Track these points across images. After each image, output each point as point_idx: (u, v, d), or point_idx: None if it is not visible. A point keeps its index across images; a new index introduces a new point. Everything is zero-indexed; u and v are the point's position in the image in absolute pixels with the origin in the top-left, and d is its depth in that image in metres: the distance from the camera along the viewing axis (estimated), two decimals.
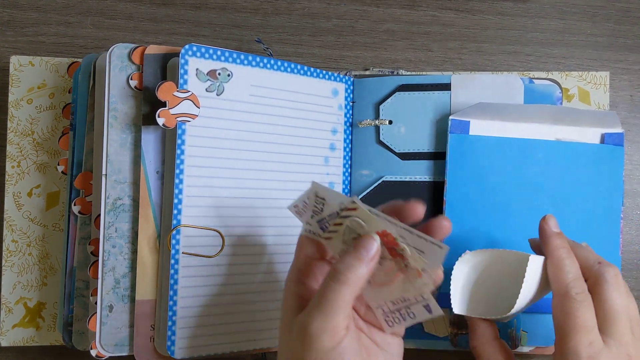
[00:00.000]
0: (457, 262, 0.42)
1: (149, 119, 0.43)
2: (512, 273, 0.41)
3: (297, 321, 0.34)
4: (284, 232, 0.47)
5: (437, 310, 0.34)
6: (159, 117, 0.42)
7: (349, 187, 0.51)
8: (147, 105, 0.44)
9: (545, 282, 0.39)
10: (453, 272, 0.42)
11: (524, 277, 0.38)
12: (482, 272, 0.43)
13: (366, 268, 0.33)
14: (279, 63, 0.47)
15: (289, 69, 0.48)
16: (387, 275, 0.35)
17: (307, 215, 0.37)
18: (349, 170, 0.51)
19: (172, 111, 0.42)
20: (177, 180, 0.43)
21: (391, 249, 0.34)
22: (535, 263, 0.39)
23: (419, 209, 0.36)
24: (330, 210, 0.36)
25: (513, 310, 0.38)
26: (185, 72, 0.43)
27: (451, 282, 0.42)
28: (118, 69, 0.44)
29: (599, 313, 0.36)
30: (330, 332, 0.32)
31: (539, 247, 0.41)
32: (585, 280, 0.38)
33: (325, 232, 0.36)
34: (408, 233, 0.33)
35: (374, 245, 0.34)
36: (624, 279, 0.39)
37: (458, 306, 0.42)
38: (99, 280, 0.43)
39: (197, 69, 0.43)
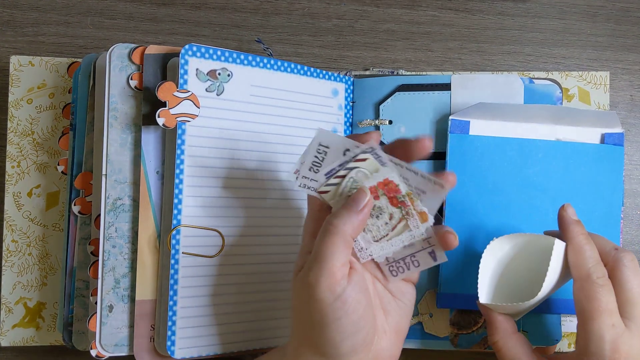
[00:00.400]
0: (484, 252, 0.42)
1: (149, 119, 0.43)
2: (535, 260, 0.41)
3: (299, 275, 0.36)
4: (284, 232, 0.47)
5: (442, 257, 0.36)
6: (159, 117, 0.42)
7: None
8: (147, 105, 0.44)
9: (565, 269, 0.40)
10: (481, 261, 0.42)
11: (548, 262, 0.39)
12: (507, 261, 0.43)
13: (356, 218, 0.35)
14: (279, 63, 0.47)
15: (289, 69, 0.48)
16: (388, 226, 0.36)
17: (304, 169, 0.37)
18: None
19: (172, 111, 0.42)
20: (177, 180, 0.43)
21: (392, 197, 0.35)
22: (559, 247, 0.39)
23: (426, 144, 0.36)
24: (335, 161, 0.36)
25: (540, 295, 0.39)
26: (185, 72, 0.43)
27: (479, 272, 0.42)
28: (118, 69, 0.44)
29: (619, 297, 0.37)
30: (327, 281, 0.34)
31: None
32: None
33: (324, 186, 0.36)
34: (412, 174, 0.35)
35: (364, 198, 0.35)
36: None
37: (485, 296, 0.42)
38: (99, 280, 0.43)
39: (197, 69, 0.43)
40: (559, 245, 0.39)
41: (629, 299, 0.37)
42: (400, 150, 0.37)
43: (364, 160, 0.35)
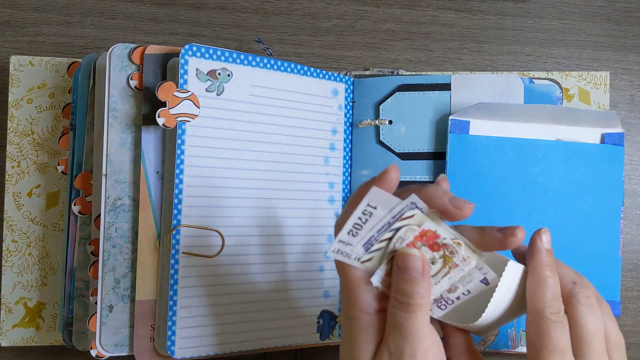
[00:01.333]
0: None
1: (149, 119, 0.43)
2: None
3: (385, 351, 0.32)
4: (284, 232, 0.47)
5: (495, 280, 0.33)
6: (159, 117, 0.42)
7: (349, 187, 0.51)
8: (147, 105, 0.44)
9: (522, 297, 0.37)
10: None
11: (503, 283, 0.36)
12: None
13: (426, 284, 0.32)
14: (279, 63, 0.47)
15: (289, 69, 0.48)
16: (434, 274, 0.33)
17: (343, 232, 0.31)
18: (349, 170, 0.51)
19: (172, 111, 0.42)
20: (177, 180, 0.43)
21: (432, 244, 0.32)
22: (513, 271, 0.36)
23: (466, 210, 0.32)
24: (375, 225, 0.31)
25: (485, 316, 0.36)
26: (185, 72, 0.43)
27: None
28: (118, 69, 0.44)
29: (573, 335, 0.35)
30: (423, 356, 0.32)
31: (521, 255, 0.39)
32: None
33: (367, 253, 0.32)
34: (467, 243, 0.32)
35: (417, 261, 0.32)
36: (624, 280, 0.38)
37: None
38: (99, 280, 0.43)
39: (197, 69, 0.43)
40: (512, 268, 0.36)
41: (582, 337, 0.35)
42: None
43: (410, 216, 0.31)
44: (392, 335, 0.32)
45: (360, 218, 0.31)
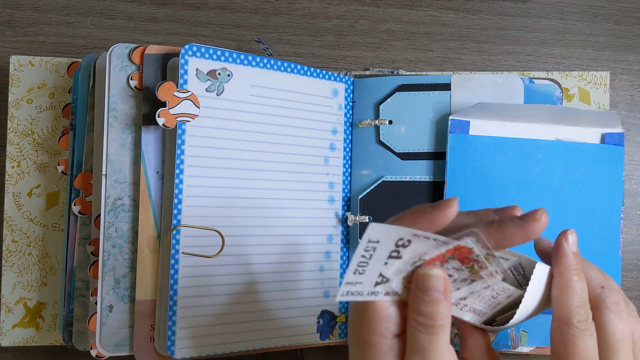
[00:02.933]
0: None
1: (149, 119, 0.43)
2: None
3: None
4: (284, 232, 0.47)
5: (516, 291, 0.33)
6: (159, 117, 0.42)
7: (349, 187, 0.51)
8: (147, 105, 0.44)
9: (546, 298, 0.36)
10: None
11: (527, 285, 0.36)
12: None
13: (448, 303, 0.31)
14: (279, 63, 0.47)
15: (289, 69, 0.48)
16: (466, 284, 0.32)
17: (348, 274, 0.28)
18: (349, 170, 0.51)
19: (172, 111, 0.42)
20: (177, 180, 0.43)
21: (464, 258, 0.31)
22: (541, 272, 0.35)
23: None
24: (383, 256, 0.29)
25: (513, 321, 0.36)
26: (185, 72, 0.43)
27: None
28: (118, 69, 0.44)
29: (600, 342, 0.34)
30: None
31: (542, 252, 0.38)
32: None
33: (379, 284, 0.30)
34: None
35: (439, 282, 0.31)
36: (624, 280, 0.38)
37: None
38: (99, 280, 0.43)
39: (197, 69, 0.43)
40: (540, 270, 0.35)
41: (609, 345, 0.34)
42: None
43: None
44: (414, 358, 0.31)
45: (363, 256, 0.28)
